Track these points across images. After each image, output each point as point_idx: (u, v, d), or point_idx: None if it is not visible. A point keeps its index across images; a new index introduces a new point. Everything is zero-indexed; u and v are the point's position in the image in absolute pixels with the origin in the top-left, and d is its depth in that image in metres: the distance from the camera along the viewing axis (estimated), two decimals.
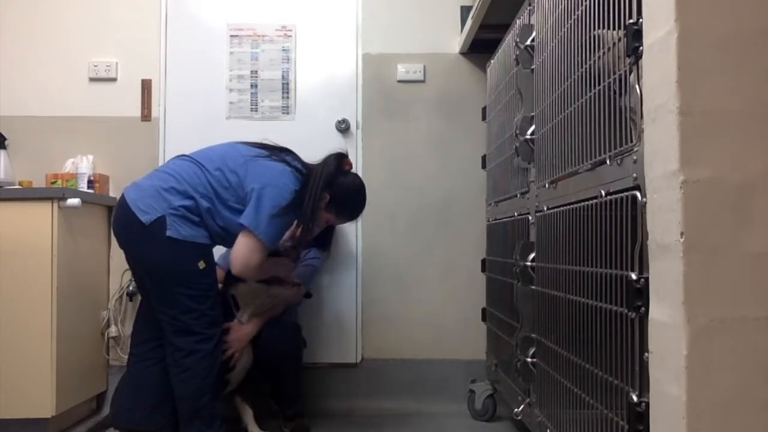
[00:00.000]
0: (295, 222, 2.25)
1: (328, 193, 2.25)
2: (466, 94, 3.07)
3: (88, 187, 2.85)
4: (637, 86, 1.26)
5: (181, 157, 2.24)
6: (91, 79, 3.07)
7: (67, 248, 2.43)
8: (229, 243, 2.22)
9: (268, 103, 3.08)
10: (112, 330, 2.84)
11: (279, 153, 2.26)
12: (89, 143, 3.01)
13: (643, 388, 1.23)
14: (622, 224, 1.32)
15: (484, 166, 2.80)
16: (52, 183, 2.85)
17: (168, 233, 2.05)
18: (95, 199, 2.75)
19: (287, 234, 2.53)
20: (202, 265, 2.11)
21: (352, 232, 3.05)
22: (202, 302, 2.11)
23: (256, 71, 3.09)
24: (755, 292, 1.09)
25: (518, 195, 2.21)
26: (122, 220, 2.13)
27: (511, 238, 2.26)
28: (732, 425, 1.08)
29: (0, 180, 2.79)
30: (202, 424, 2.12)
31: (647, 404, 1.21)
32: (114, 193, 2.94)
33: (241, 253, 2.13)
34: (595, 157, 1.47)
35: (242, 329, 2.37)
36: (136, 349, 2.27)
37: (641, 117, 1.23)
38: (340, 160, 2.32)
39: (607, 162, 1.41)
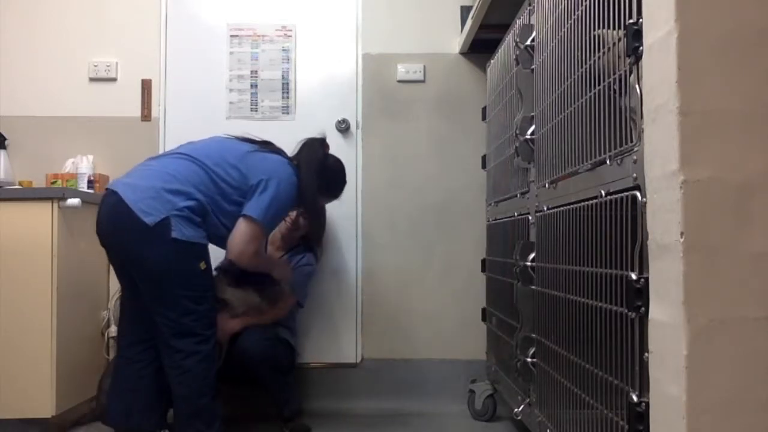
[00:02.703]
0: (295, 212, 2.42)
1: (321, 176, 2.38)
2: (466, 94, 3.07)
3: (88, 187, 2.85)
4: (637, 86, 1.26)
5: (177, 155, 2.22)
6: (91, 79, 3.07)
7: (67, 248, 2.43)
8: (225, 244, 2.23)
9: (268, 103, 3.08)
10: (112, 330, 2.83)
11: (267, 145, 2.34)
12: (89, 143, 3.01)
13: (643, 388, 1.23)
14: (622, 224, 1.32)
15: (484, 166, 2.80)
16: (52, 183, 2.85)
17: (173, 234, 2.04)
18: (95, 199, 2.73)
19: (286, 225, 2.60)
20: (203, 265, 2.12)
21: (352, 231, 3.05)
22: (202, 303, 2.12)
23: (256, 71, 3.09)
24: (755, 292, 1.09)
25: (518, 195, 2.22)
26: (119, 221, 2.09)
27: (511, 238, 2.26)
28: (732, 425, 1.08)
29: (0, 180, 2.79)
30: (203, 424, 2.12)
31: (647, 404, 1.21)
32: None
33: (240, 239, 2.16)
34: (595, 157, 1.47)
35: (228, 322, 2.40)
36: (126, 351, 2.25)
37: (641, 117, 1.23)
38: (324, 145, 2.44)
39: (607, 162, 1.41)
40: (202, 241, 2.13)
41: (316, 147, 2.41)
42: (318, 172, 2.35)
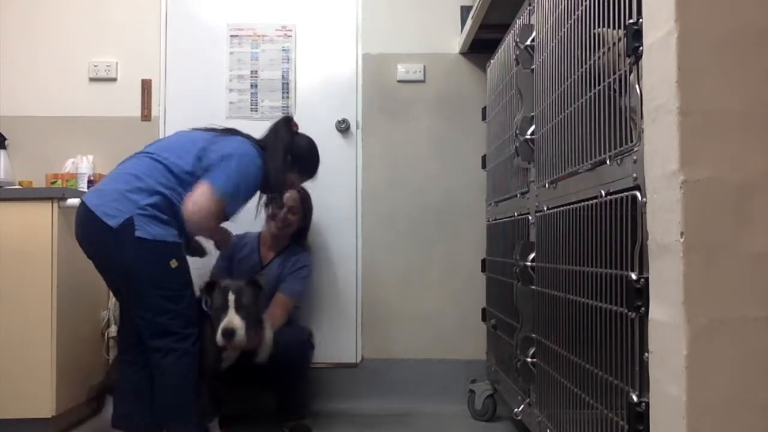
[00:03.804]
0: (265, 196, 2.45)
1: (290, 153, 2.38)
2: (466, 94, 3.07)
3: (88, 187, 2.84)
4: (637, 86, 1.26)
5: (140, 155, 2.23)
6: (91, 79, 3.07)
7: (67, 248, 2.43)
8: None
9: (268, 103, 3.08)
10: (112, 330, 2.83)
11: (231, 132, 2.34)
12: (89, 143, 3.01)
13: (643, 388, 1.23)
14: (622, 224, 1.32)
15: (484, 166, 2.80)
16: (52, 183, 2.85)
17: (137, 233, 2.02)
18: None
19: (276, 224, 2.65)
20: (174, 264, 2.08)
21: (352, 231, 3.05)
22: (178, 302, 2.09)
23: (256, 71, 3.09)
24: (755, 292, 1.09)
25: (518, 195, 2.22)
26: (88, 228, 2.09)
27: (511, 238, 2.26)
28: (732, 425, 1.08)
29: (0, 180, 2.79)
30: (186, 422, 2.10)
31: (647, 404, 1.21)
32: None
33: (197, 199, 2.11)
34: (595, 157, 1.47)
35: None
36: (125, 356, 2.25)
37: (641, 117, 1.23)
38: (289, 123, 2.42)
39: (607, 162, 1.41)
40: (171, 238, 2.10)
41: (280, 128, 2.40)
42: (284, 152, 2.34)
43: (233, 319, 2.20)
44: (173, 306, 2.08)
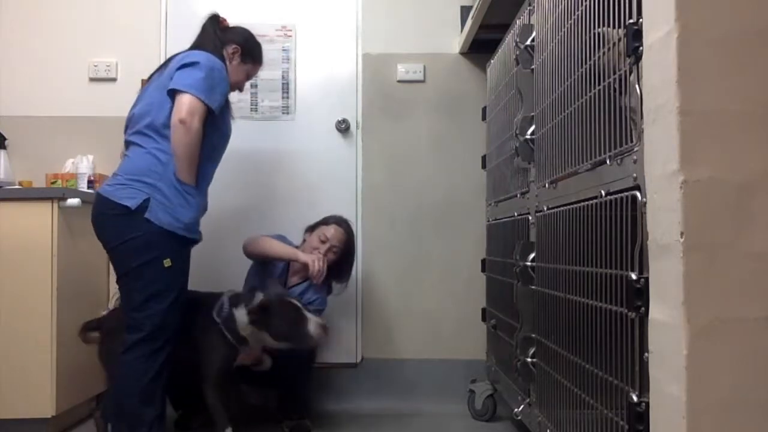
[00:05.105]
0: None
1: (236, 43, 2.36)
2: (466, 94, 3.07)
3: (88, 187, 2.84)
4: (637, 86, 1.26)
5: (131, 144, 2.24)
6: (91, 79, 3.07)
7: (67, 248, 2.43)
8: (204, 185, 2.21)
9: (268, 103, 3.08)
10: None
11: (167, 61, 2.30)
12: (89, 143, 3.01)
13: (643, 388, 1.23)
14: (622, 224, 1.32)
15: (484, 166, 2.80)
16: (52, 183, 2.85)
17: (146, 215, 2.02)
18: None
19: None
20: (167, 263, 2.03)
21: None
22: (158, 302, 2.03)
23: None
24: (755, 292, 1.09)
25: (518, 195, 2.22)
26: (101, 215, 2.09)
27: (511, 238, 2.26)
28: (732, 425, 1.08)
29: (0, 180, 2.79)
30: (127, 427, 2.03)
31: (647, 404, 1.21)
32: None
33: (185, 106, 2.05)
34: (595, 157, 1.47)
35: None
36: None
37: (641, 117, 1.23)
38: (216, 21, 2.42)
39: (607, 162, 1.41)
40: (178, 231, 2.05)
41: (212, 27, 2.39)
42: (225, 40, 2.35)
43: (313, 317, 2.26)
44: (152, 305, 2.03)
